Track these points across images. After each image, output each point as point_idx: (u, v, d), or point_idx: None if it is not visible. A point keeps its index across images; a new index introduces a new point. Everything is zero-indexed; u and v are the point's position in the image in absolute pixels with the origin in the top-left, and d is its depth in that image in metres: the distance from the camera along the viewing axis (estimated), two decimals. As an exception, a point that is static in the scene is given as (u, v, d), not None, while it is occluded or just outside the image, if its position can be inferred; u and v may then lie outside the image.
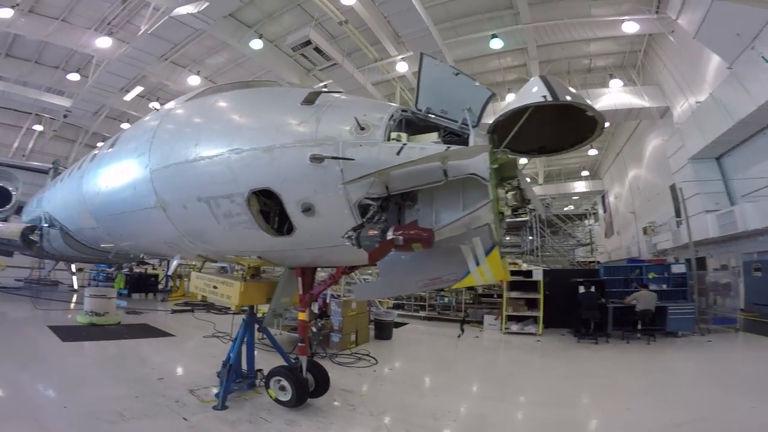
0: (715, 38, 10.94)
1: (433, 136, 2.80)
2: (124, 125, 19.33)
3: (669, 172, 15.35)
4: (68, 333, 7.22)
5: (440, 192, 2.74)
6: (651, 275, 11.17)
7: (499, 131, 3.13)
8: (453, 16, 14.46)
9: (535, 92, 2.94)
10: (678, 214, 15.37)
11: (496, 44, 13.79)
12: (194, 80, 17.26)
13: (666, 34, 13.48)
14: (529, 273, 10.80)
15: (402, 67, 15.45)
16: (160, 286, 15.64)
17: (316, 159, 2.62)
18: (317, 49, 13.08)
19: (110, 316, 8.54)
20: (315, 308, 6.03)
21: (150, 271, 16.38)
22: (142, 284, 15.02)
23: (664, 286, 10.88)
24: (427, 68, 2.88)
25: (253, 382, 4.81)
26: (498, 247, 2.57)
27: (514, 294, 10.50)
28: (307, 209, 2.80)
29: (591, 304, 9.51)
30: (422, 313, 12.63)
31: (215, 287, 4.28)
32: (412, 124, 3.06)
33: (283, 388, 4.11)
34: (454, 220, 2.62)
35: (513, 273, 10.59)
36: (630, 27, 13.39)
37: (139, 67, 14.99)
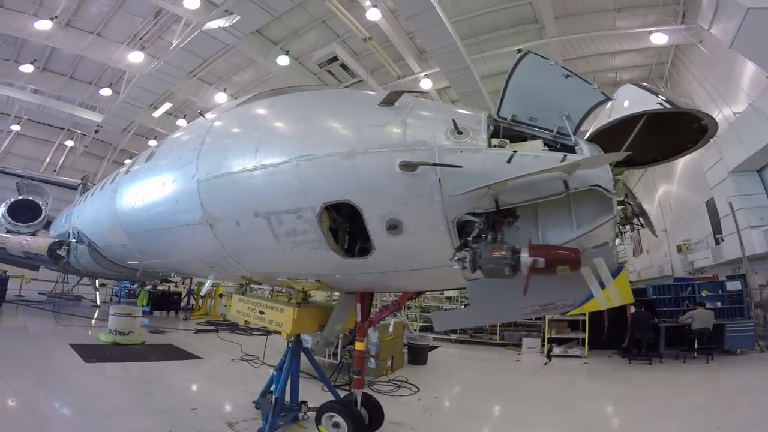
0: (752, 47, 10.44)
1: (539, 143, 2.42)
2: (152, 142, 19.65)
3: (704, 187, 14.59)
4: (91, 352, 6.92)
5: (545, 207, 2.35)
6: (704, 293, 10.65)
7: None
8: (477, 31, 14.35)
9: (632, 102, 2.66)
10: (717, 230, 14.59)
11: (523, 59, 13.52)
12: (221, 97, 17.47)
13: (695, 44, 13.08)
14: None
15: (426, 84, 15.30)
16: (182, 304, 15.39)
17: (408, 167, 2.22)
18: (343, 66, 13.07)
19: (134, 335, 8.23)
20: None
21: (173, 288, 16.18)
22: (165, 302, 14.80)
23: (719, 304, 10.38)
24: (524, 70, 2.52)
25: (296, 415, 4.37)
26: (625, 268, 2.18)
27: (556, 315, 9.90)
28: (394, 226, 2.37)
29: (643, 324, 9.06)
30: (453, 336, 12.01)
31: (262, 312, 3.87)
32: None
33: (336, 425, 3.65)
34: (570, 240, 2.21)
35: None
36: (659, 38, 13.03)
37: (169, 83, 15.27)
